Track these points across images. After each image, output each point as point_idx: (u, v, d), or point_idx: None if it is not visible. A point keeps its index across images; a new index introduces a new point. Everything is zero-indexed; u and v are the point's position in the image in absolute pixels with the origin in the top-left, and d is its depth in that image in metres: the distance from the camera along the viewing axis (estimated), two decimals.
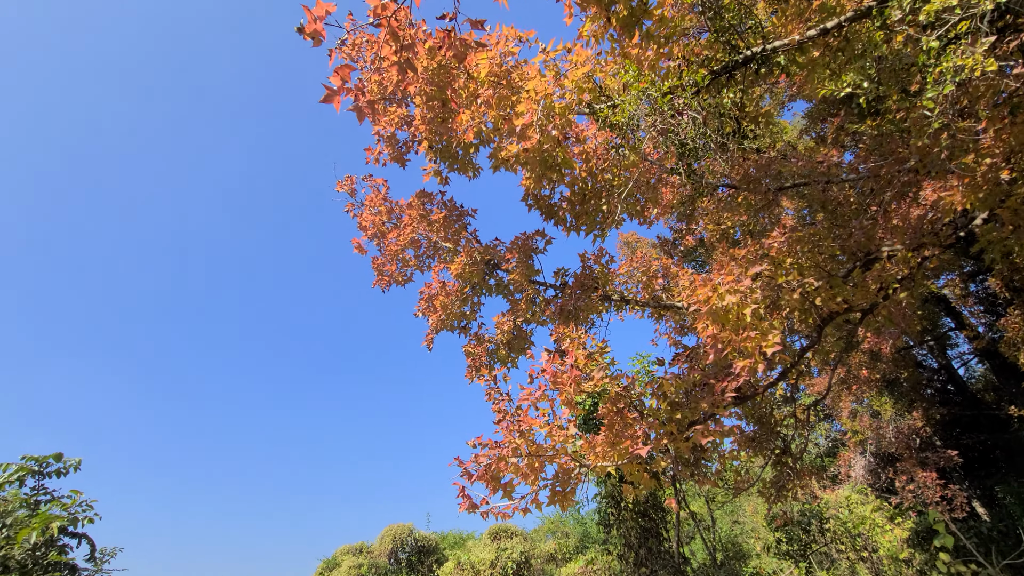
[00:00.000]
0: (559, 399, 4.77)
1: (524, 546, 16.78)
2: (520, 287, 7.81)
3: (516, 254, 7.51)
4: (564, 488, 5.57)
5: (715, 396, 4.96)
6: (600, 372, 4.59)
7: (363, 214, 9.59)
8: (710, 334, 4.31)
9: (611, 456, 5.25)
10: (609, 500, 10.20)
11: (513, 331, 7.48)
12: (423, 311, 8.32)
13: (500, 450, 4.95)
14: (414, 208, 8.38)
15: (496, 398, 6.91)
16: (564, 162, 4.98)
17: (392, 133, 7.76)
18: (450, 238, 8.61)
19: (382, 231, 9.17)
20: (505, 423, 5.45)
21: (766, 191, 7.95)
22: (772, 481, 8.48)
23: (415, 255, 9.18)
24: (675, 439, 5.10)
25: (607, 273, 7.37)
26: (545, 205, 7.14)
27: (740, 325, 4.09)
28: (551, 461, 5.46)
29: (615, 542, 10.04)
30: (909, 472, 16.30)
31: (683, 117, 4.43)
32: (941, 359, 23.11)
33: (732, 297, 4.10)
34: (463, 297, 8.00)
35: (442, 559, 18.15)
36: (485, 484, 5.28)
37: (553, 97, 4.69)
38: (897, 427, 17.98)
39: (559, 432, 5.22)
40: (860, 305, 5.65)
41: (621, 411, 5.16)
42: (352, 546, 18.01)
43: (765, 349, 3.94)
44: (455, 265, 7.46)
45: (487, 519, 5.57)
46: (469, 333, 8.10)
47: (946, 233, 5.85)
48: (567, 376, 4.56)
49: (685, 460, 7.46)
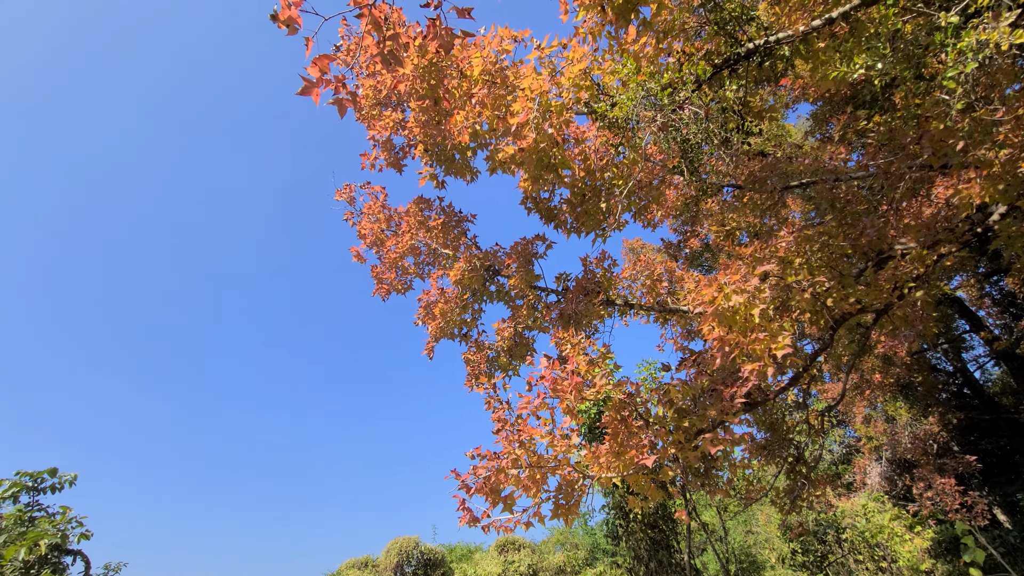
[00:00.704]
0: (560, 407, 4.56)
1: (532, 559, 16.43)
2: (521, 293, 7.63)
3: (516, 259, 7.33)
4: (568, 501, 5.34)
5: (724, 403, 4.73)
6: (603, 379, 4.39)
7: (362, 222, 9.48)
8: (716, 336, 4.10)
9: (616, 467, 5.01)
10: (617, 512, 9.91)
11: (514, 337, 7.28)
12: (423, 319, 8.15)
13: (499, 461, 4.73)
14: (412, 215, 8.24)
15: (496, 407, 6.70)
16: (562, 162, 4.82)
17: (388, 138, 7.65)
18: (449, 244, 8.46)
19: (381, 239, 9.04)
20: (504, 433, 5.24)
21: (772, 190, 7.74)
22: (786, 490, 8.18)
23: (414, 262, 9.03)
24: (683, 448, 4.86)
25: (610, 277, 7.17)
26: (544, 208, 6.97)
27: (748, 327, 3.87)
28: (553, 472, 5.24)
29: (624, 555, 9.74)
30: (927, 479, 15.81)
31: (684, 111, 4.25)
32: (956, 362, 22.63)
33: (739, 297, 3.88)
34: (463, 304, 7.82)
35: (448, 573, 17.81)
36: (485, 497, 5.05)
37: (549, 95, 4.53)
38: (913, 432, 17.54)
39: (561, 442, 5.00)
40: (874, 306, 5.41)
41: (625, 419, 4.93)
42: (357, 560, 17.72)
43: (775, 351, 3.72)
44: (454, 271, 7.29)
45: (488, 533, 5.34)
46: (469, 340, 7.91)
47: (962, 229, 5.61)
48: (567, 383, 4.35)
49: (695, 470, 7.20)
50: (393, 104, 7.40)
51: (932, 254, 5.51)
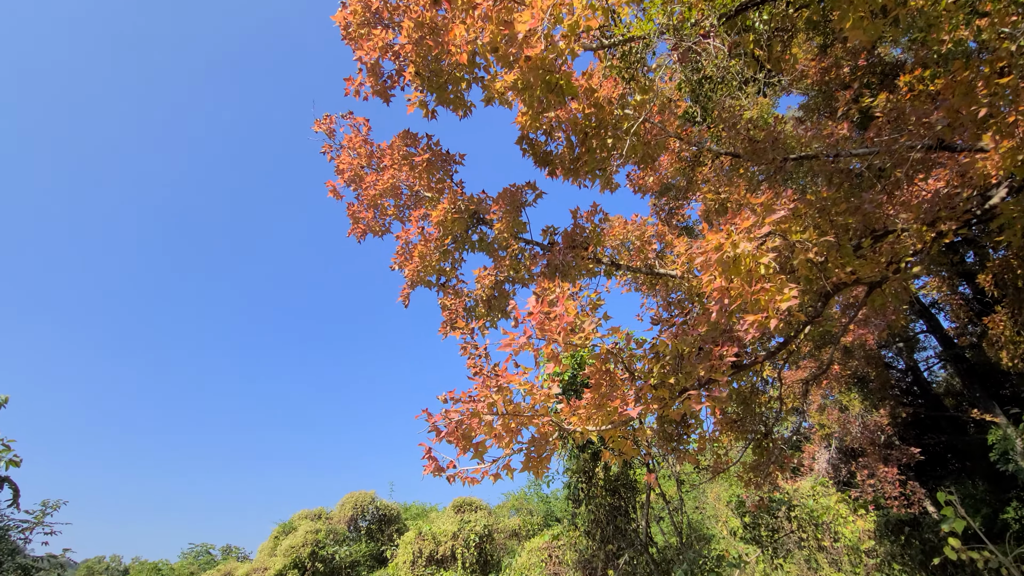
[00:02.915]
0: (544, 351, 4.26)
1: (488, 520, 16.53)
2: (505, 243, 7.25)
3: (503, 205, 6.92)
4: (540, 454, 5.11)
5: (713, 361, 4.53)
6: (592, 324, 4.11)
7: (341, 156, 8.84)
8: (717, 287, 3.84)
9: (596, 419, 4.79)
10: (581, 475, 9.89)
11: (495, 288, 6.93)
12: (399, 262, 7.69)
13: (474, 404, 4.43)
14: (396, 149, 7.67)
15: (472, 352, 6.39)
16: (568, 87, 4.40)
17: (375, 61, 7.01)
18: (433, 187, 7.96)
19: (360, 175, 8.45)
20: (481, 378, 4.91)
21: (772, 160, 7.51)
22: (751, 465, 8.25)
23: (395, 204, 8.50)
24: (666, 405, 4.67)
25: (600, 233, 6.85)
26: (540, 153, 6.55)
27: (755, 276, 3.63)
28: (529, 423, 4.97)
29: (584, 518, 9.77)
30: (871, 467, 16.62)
31: (710, 41, 3.89)
32: (909, 361, 23.85)
33: (747, 244, 3.62)
34: (443, 249, 7.39)
35: (403, 528, 17.79)
36: (454, 443, 4.75)
37: (562, 7, 4.07)
38: (863, 422, 18.27)
39: (540, 391, 4.73)
40: (870, 277, 5.27)
41: (611, 371, 4.69)
42: (310, 511, 17.48)
43: (780, 303, 3.50)
44: (437, 211, 6.83)
45: (453, 484, 5.07)
46: (447, 290, 7.52)
47: (963, 208, 5.51)
48: (556, 323, 4.04)
49: (667, 435, 7.11)
50: (385, 22, 6.77)
51: (932, 231, 5.39)
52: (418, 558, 14.57)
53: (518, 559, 11.23)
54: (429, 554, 14.71)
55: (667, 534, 12.10)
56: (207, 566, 21.88)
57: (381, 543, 18.02)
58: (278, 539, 16.90)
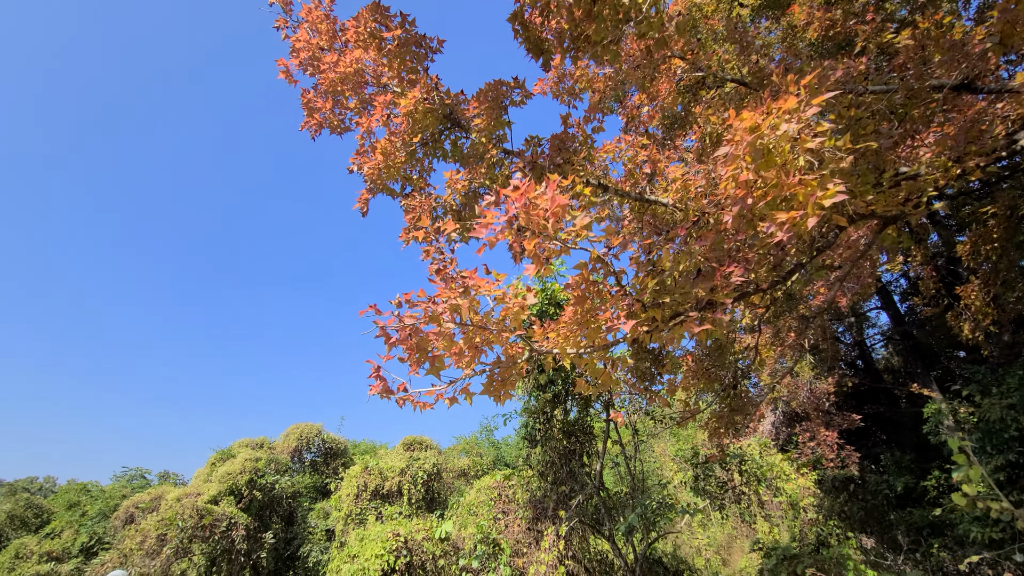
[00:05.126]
0: (527, 246, 3.51)
1: (437, 459, 16.27)
2: (483, 150, 6.33)
3: (484, 101, 5.97)
4: (504, 377, 4.43)
5: (717, 281, 3.91)
6: (586, 217, 3.39)
7: (298, 34, 7.54)
8: (742, 180, 3.15)
9: (576, 339, 4.13)
10: (539, 416, 9.51)
11: (468, 195, 6.07)
12: (359, 160, 6.66)
13: (435, 306, 3.66)
14: (363, 22, 6.48)
15: (435, 258, 5.61)
16: None
17: None
18: (404, 78, 6.85)
19: (318, 57, 7.21)
20: (444, 281, 4.10)
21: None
22: (717, 414, 8.01)
23: (358, 98, 7.35)
24: (657, 328, 4.05)
25: (591, 145, 6.04)
26: (535, 38, 5.57)
27: (793, 167, 2.96)
28: (496, 341, 4.26)
29: (538, 459, 9.47)
30: (813, 431, 17.35)
31: None
32: (858, 336, 24.99)
33: (790, 125, 2.92)
34: (410, 150, 6.41)
35: (350, 463, 17.36)
36: (407, 352, 3.97)
37: None
38: (811, 389, 18.93)
39: (514, 301, 3.99)
40: (887, 211, 4.74)
41: (598, 284, 4.01)
42: (252, 440, 16.73)
43: (821, 200, 2.85)
44: (407, 99, 5.81)
45: (403, 407, 4.34)
46: (413, 192, 6.59)
47: (991, 146, 5.01)
48: (545, 209, 3.28)
49: (642, 372, 6.63)
50: None
51: (958, 167, 4.87)
52: (363, 491, 14.21)
53: (467, 496, 10.96)
54: (375, 488, 14.37)
55: (617, 481, 12.09)
56: (140, 490, 21.11)
57: (326, 476, 17.62)
58: (215, 465, 16.18)
